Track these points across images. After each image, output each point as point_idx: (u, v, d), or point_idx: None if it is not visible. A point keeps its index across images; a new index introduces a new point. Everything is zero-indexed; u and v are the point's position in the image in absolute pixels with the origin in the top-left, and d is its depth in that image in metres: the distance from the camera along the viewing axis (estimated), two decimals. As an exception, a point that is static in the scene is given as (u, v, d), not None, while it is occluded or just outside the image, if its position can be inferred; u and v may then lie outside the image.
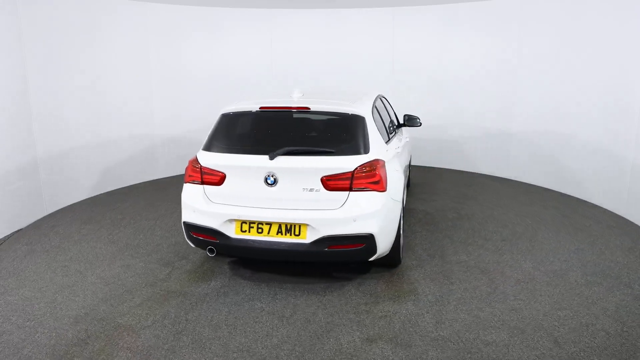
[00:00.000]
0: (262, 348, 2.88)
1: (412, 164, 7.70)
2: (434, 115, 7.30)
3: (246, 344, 2.92)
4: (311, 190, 3.36)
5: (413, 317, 3.21)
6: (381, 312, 3.29)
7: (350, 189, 3.35)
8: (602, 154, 5.58)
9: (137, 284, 3.72)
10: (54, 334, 3.03)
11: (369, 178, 3.38)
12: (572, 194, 6.09)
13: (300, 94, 4.07)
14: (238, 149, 3.56)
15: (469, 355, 2.79)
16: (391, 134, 4.60)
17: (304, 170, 3.36)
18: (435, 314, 3.25)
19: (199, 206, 3.53)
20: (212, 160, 3.55)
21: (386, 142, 3.99)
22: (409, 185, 6.49)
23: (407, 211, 5.52)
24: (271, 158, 3.39)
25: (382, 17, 7.45)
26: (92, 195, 6.16)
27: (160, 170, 7.11)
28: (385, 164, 3.57)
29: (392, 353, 2.82)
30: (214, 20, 7.13)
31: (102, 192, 6.29)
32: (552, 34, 6.14)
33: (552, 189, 6.34)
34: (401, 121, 5.66)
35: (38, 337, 3.00)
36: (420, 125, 5.80)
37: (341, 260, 3.75)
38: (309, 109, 3.64)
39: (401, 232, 4.05)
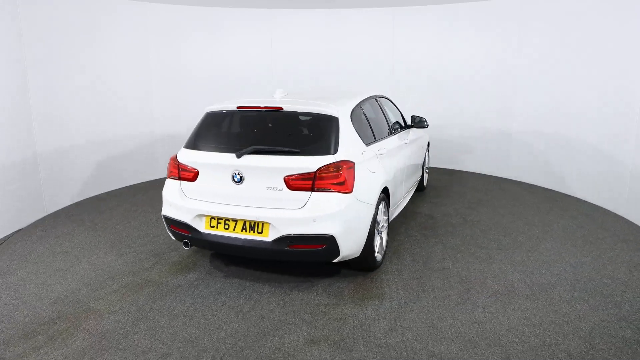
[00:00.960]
0: (208, 340, 2.97)
1: (431, 165, 7.53)
2: (434, 115, 7.15)
3: (194, 335, 3.02)
4: (274, 189, 3.40)
5: (367, 322, 3.16)
6: (338, 314, 3.26)
7: (312, 189, 3.35)
8: (602, 155, 5.56)
9: (122, 272, 3.95)
10: (31, 313, 3.31)
11: (333, 179, 3.36)
12: (573, 195, 6.05)
13: (284, 94, 4.11)
14: (212, 147, 3.67)
15: (410, 365, 2.71)
16: (385, 135, 4.52)
17: (268, 169, 3.41)
18: (392, 320, 3.18)
19: (175, 201, 3.69)
20: (188, 157, 3.70)
21: (369, 144, 3.94)
22: (423, 187, 6.32)
23: (410, 214, 5.39)
24: (238, 156, 3.48)
25: (382, 17, 7.47)
26: (92, 195, 6.19)
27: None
28: (357, 166, 3.52)
29: (330, 356, 2.79)
30: (214, 20, 7.15)
31: (102, 192, 6.32)
32: (552, 34, 6.12)
33: (582, 199, 5.93)
34: (409, 122, 5.56)
35: (16, 314, 3.29)
36: (427, 127, 5.67)
37: (304, 260, 3.75)
38: (282, 109, 3.68)
39: (380, 234, 3.98)
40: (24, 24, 5.06)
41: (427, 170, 6.60)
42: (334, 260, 3.48)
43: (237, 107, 3.79)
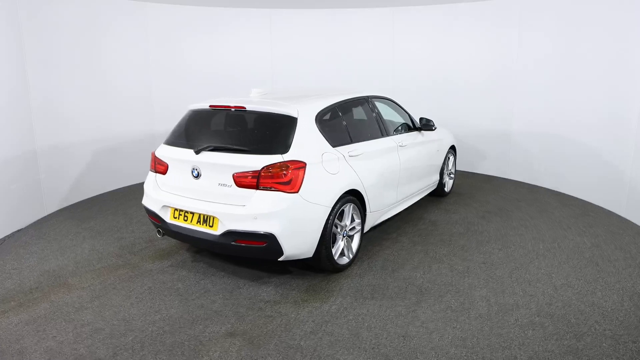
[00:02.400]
0: (141, 321, 3.19)
1: (468, 171, 7.13)
2: (434, 115, 6.95)
3: (132, 316, 3.26)
4: (224, 185, 3.53)
5: (294, 323, 3.15)
6: (271, 312, 3.30)
7: (257, 187, 3.42)
8: (602, 157, 5.58)
9: (110, 254, 4.35)
10: (18, 282, 3.79)
11: (277, 178, 3.40)
12: (574, 195, 6.08)
13: (262, 93, 4.21)
14: (181, 143, 3.89)
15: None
16: (373, 136, 4.42)
17: (220, 166, 3.54)
18: (319, 324, 3.14)
19: (150, 192, 3.98)
20: (162, 152, 3.97)
21: (338, 145, 3.89)
22: (444, 193, 6.02)
23: (413, 219, 5.20)
24: (196, 153, 3.65)
25: (382, 17, 7.44)
26: (93, 195, 6.20)
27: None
28: (310, 166, 3.52)
29: (236, 349, 2.86)
30: (214, 20, 7.18)
31: (103, 192, 6.36)
32: (553, 33, 6.10)
33: (619, 215, 5.29)
34: (417, 124, 5.35)
35: (7, 283, 3.80)
36: (434, 129, 5.44)
37: (250, 256, 3.81)
38: (245, 108, 3.79)
39: (347, 238, 3.91)
40: (25, 24, 5.02)
41: (451, 175, 6.28)
42: (280, 259, 3.51)
43: (209, 106, 3.97)
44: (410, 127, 5.29)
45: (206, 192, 3.62)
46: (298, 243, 3.50)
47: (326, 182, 3.65)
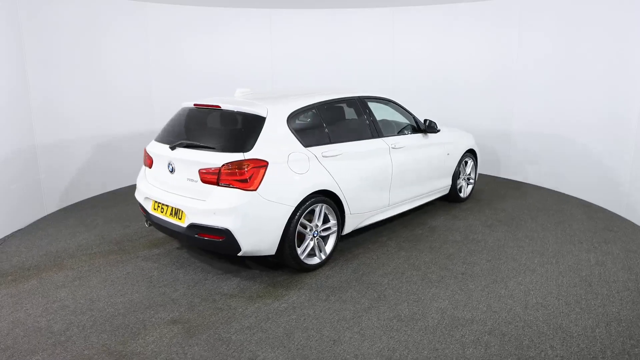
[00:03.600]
0: (104, 303, 3.43)
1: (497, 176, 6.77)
2: (434, 115, 6.77)
3: (99, 296, 3.51)
4: (192, 180, 3.69)
5: (236, 317, 3.23)
6: (221, 305, 3.39)
7: (217, 184, 3.54)
8: (602, 157, 5.57)
9: (111, 240, 4.69)
10: (24, 258, 4.26)
11: (235, 175, 3.48)
12: (574, 195, 6.08)
13: (247, 93, 4.32)
14: (164, 139, 4.10)
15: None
16: (360, 137, 4.36)
17: (189, 162, 3.70)
18: (259, 320, 3.18)
19: (139, 184, 4.27)
20: (151, 147, 4.22)
21: (313, 145, 3.90)
22: (459, 199, 5.76)
23: (412, 224, 5.06)
24: (172, 149, 3.85)
25: (382, 17, 7.43)
26: (93, 195, 6.26)
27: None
28: (272, 165, 3.56)
29: (171, 336, 2.99)
30: (214, 20, 7.18)
31: (103, 192, 6.42)
32: (553, 33, 6.08)
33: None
34: (422, 126, 5.18)
35: (15, 258, 4.27)
36: (438, 131, 5.23)
37: (212, 250, 3.90)
38: (220, 107, 3.92)
39: (317, 238, 3.91)
40: (25, 24, 5.03)
41: (470, 181, 5.97)
42: (239, 254, 3.60)
43: (194, 104, 4.16)
44: (415, 129, 5.14)
45: (178, 186, 3.81)
46: (257, 240, 3.57)
47: (290, 181, 3.67)
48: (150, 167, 4.18)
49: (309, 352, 2.83)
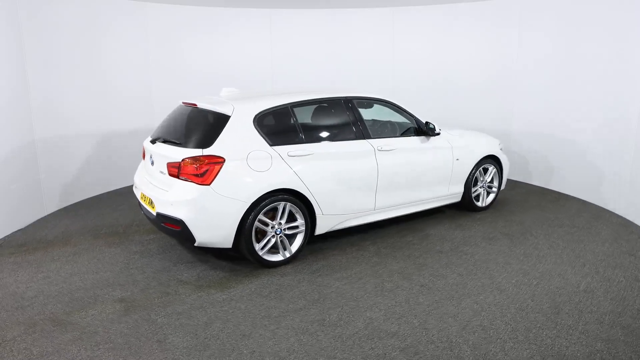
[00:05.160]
0: (77, 278, 3.83)
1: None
2: (434, 115, 6.45)
3: (77, 271, 3.92)
4: (162, 173, 3.96)
5: (176, 303, 3.42)
6: (171, 290, 3.60)
7: (178, 177, 3.77)
8: (601, 157, 5.59)
9: (117, 225, 5.09)
10: (43, 233, 4.90)
11: (192, 170, 3.68)
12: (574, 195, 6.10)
13: (232, 92, 4.50)
14: (154, 134, 4.44)
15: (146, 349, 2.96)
16: (340, 138, 4.32)
17: (161, 156, 3.98)
18: (188, 308, 3.34)
19: (135, 175, 4.68)
20: (145, 141, 4.60)
21: (280, 144, 3.95)
22: (475, 207, 5.41)
23: (406, 230, 4.87)
24: (152, 143, 4.18)
25: (382, 17, 7.41)
26: (93, 195, 6.27)
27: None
28: (229, 162, 3.70)
29: (110, 312, 3.27)
30: (214, 20, 7.14)
31: (103, 192, 6.43)
32: (553, 33, 6.08)
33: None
34: (424, 128, 4.95)
35: (38, 232, 4.94)
36: (436, 134, 4.97)
37: (175, 238, 4.10)
38: (196, 105, 4.15)
39: (280, 236, 3.96)
40: (25, 24, 5.03)
41: (492, 189, 5.55)
42: (195, 244, 3.79)
43: (182, 102, 4.46)
44: (418, 131, 4.92)
45: (154, 177, 4.13)
46: (210, 232, 3.74)
47: (247, 178, 3.78)
48: (144, 159, 4.56)
49: (213, 342, 2.93)
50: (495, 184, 5.60)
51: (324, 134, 4.33)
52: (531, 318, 3.17)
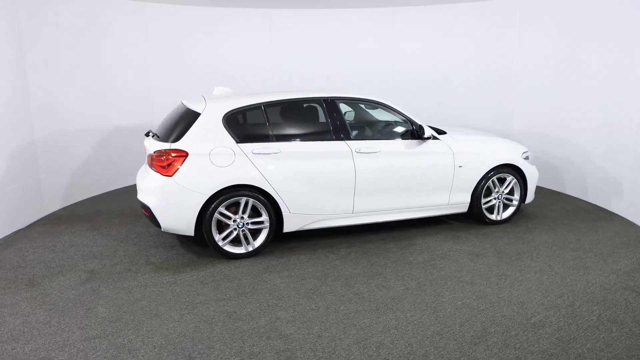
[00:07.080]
0: (72, 251, 4.31)
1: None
2: (433, 115, 6.88)
3: (79, 244, 4.48)
4: (146, 164, 4.39)
5: (124, 279, 3.77)
6: (133, 268, 3.96)
7: (151, 167, 4.15)
8: (601, 157, 5.55)
9: (123, 212, 5.54)
10: (63, 215, 5.72)
11: (159, 162, 4.02)
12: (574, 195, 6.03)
13: (222, 92, 4.74)
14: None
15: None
16: (302, 138, 4.35)
17: (147, 148, 4.40)
18: (135, 288, 3.64)
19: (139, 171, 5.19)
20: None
21: (246, 141, 4.11)
22: (487, 219, 4.98)
23: (390, 237, 4.68)
24: (146, 136, 4.63)
25: (382, 17, 7.39)
26: (93, 195, 6.28)
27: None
28: (192, 156, 3.97)
29: (76, 282, 3.72)
30: (214, 20, 7.09)
31: (103, 192, 6.45)
32: (553, 34, 6.07)
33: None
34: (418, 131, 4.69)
35: (60, 210, 5.74)
36: (427, 139, 4.66)
37: (152, 223, 4.31)
38: (183, 103, 4.48)
39: (244, 230, 4.11)
40: (25, 24, 5.03)
41: (513, 202, 5.01)
42: (162, 230, 4.13)
43: (181, 101, 4.84)
44: (415, 134, 4.66)
45: (145, 168, 4.59)
46: (172, 220, 4.04)
47: (208, 172, 4.00)
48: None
49: (127, 317, 3.21)
50: (516, 196, 5.02)
51: (295, 134, 4.36)
52: (441, 345, 2.87)
